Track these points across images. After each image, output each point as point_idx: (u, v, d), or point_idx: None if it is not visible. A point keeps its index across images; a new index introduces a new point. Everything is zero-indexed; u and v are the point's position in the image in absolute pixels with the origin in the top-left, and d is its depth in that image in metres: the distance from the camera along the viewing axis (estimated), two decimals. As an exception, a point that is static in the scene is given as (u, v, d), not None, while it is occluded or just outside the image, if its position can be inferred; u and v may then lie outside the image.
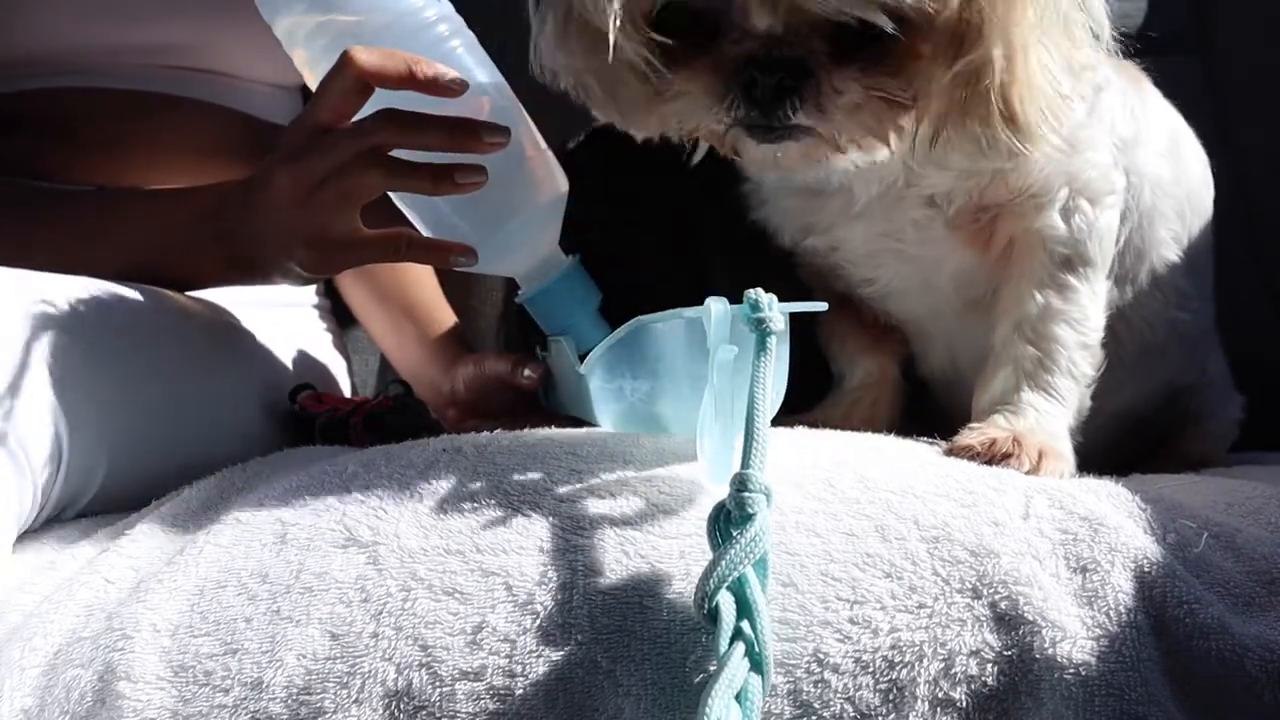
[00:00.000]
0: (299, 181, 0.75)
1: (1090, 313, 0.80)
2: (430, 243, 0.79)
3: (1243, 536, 0.62)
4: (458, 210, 0.77)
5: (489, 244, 0.77)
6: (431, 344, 1.06)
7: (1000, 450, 0.73)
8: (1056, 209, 0.80)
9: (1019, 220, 0.80)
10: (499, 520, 0.62)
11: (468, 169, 0.73)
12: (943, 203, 0.81)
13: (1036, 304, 0.79)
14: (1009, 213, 0.81)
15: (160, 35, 0.97)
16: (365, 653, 0.57)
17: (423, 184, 0.74)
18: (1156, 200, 0.90)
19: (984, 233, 0.82)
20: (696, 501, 0.62)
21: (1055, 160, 0.79)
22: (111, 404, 0.73)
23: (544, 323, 0.82)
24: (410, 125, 0.73)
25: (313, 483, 0.68)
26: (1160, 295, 0.93)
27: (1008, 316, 0.80)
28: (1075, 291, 0.80)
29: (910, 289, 0.87)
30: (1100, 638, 0.55)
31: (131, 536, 0.67)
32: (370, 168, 0.73)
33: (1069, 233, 0.80)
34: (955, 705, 0.54)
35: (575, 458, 0.67)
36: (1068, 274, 0.80)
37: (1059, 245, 0.80)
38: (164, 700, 0.57)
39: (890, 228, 0.83)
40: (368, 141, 0.73)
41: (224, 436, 0.85)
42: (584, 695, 0.55)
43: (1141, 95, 0.90)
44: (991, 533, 0.59)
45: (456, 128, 0.73)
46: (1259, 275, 1.27)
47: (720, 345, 0.60)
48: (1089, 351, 0.80)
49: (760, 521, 0.54)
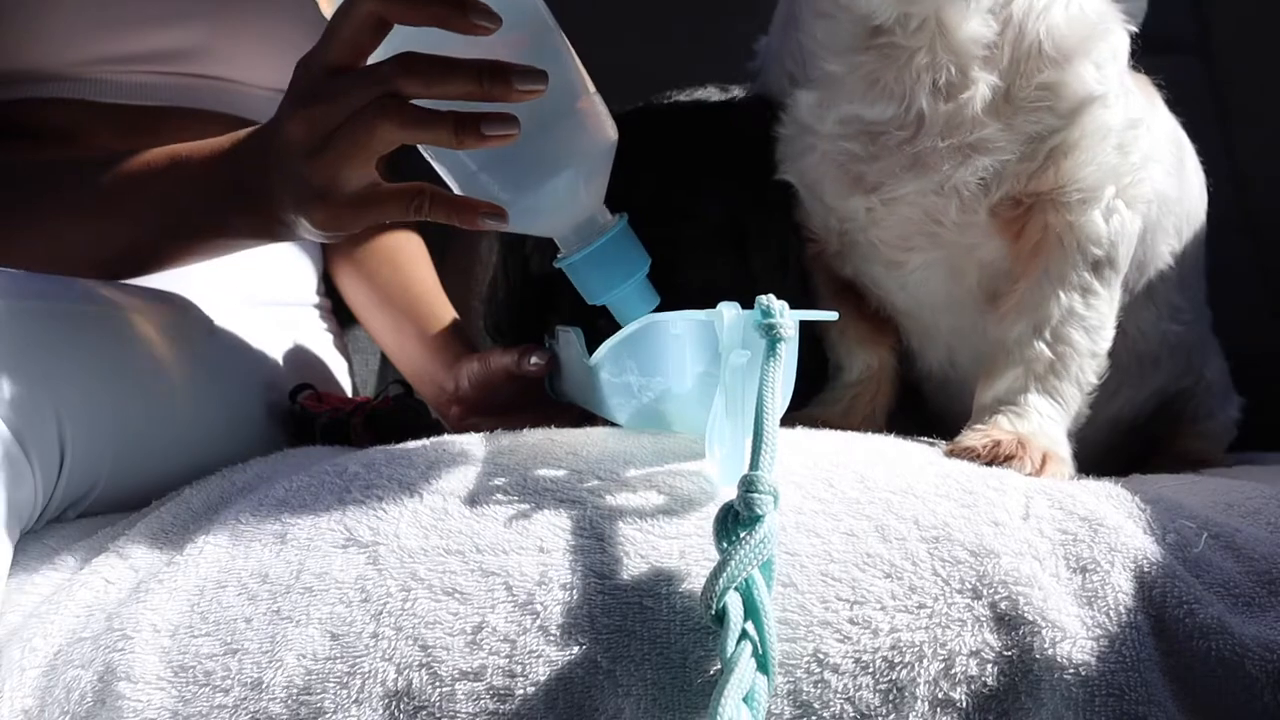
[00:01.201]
0: (311, 129, 0.69)
1: (1107, 321, 0.80)
2: (454, 200, 0.71)
3: (1242, 536, 0.62)
4: (489, 163, 0.70)
5: (524, 201, 0.70)
6: (433, 342, 1.06)
7: (1004, 452, 0.73)
8: (1100, 207, 0.80)
9: (1059, 213, 0.80)
10: (499, 520, 0.62)
11: (497, 119, 0.66)
12: (991, 184, 0.80)
13: (1061, 306, 0.79)
14: (1049, 204, 0.80)
15: (170, 40, 0.96)
16: (365, 653, 0.57)
17: (443, 136, 0.67)
18: (1161, 217, 0.90)
19: (1018, 223, 0.82)
20: (697, 501, 0.62)
21: (1108, 158, 0.79)
22: (114, 405, 0.73)
23: (586, 291, 0.74)
24: (431, 72, 0.66)
25: (313, 483, 0.68)
26: (1154, 308, 0.93)
27: (1027, 315, 0.80)
28: (1098, 297, 0.80)
29: (934, 276, 0.86)
30: (1100, 638, 0.55)
31: (131, 537, 0.67)
32: (384, 118, 0.66)
33: (1107, 233, 0.79)
34: (955, 705, 0.54)
35: (575, 458, 0.67)
36: (1094, 277, 0.80)
37: (1094, 245, 0.79)
38: (164, 700, 0.57)
39: (936, 204, 0.81)
40: (383, 89, 0.66)
41: (224, 436, 0.85)
42: (584, 695, 0.55)
43: (1154, 110, 0.91)
44: (991, 533, 0.59)
45: (484, 73, 0.66)
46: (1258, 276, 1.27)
47: (733, 349, 0.61)
48: (1097, 360, 0.80)
49: (769, 523, 0.54)
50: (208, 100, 1.00)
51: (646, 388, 0.70)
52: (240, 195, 0.76)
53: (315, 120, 0.69)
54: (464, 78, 0.65)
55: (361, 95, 0.67)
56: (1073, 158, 0.79)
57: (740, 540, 0.53)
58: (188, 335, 0.85)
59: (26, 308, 0.70)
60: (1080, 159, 0.79)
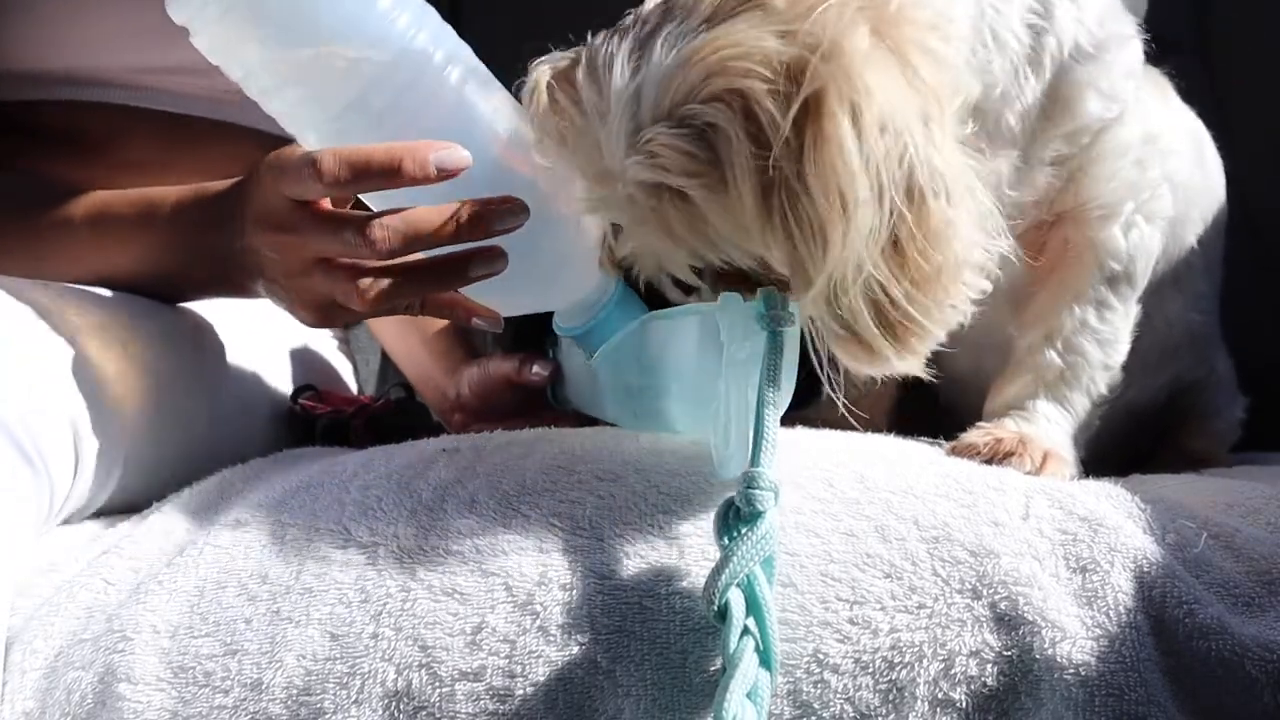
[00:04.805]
0: (284, 258, 0.70)
1: (1121, 336, 0.80)
2: (447, 300, 0.71)
3: (1242, 536, 0.62)
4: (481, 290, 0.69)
5: (525, 295, 0.71)
6: (436, 348, 1.06)
7: (1004, 449, 0.73)
8: (1119, 222, 0.79)
9: (1078, 229, 0.80)
10: (499, 520, 0.62)
11: (484, 256, 0.65)
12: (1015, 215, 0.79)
13: (1074, 318, 0.79)
14: (1069, 220, 0.80)
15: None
16: (365, 653, 0.57)
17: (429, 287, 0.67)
18: (1188, 208, 0.90)
19: (1040, 240, 0.82)
20: (696, 501, 0.62)
21: (1127, 174, 0.79)
22: (125, 409, 0.73)
23: (587, 349, 0.74)
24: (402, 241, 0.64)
25: (313, 483, 0.68)
26: (1181, 297, 0.93)
27: (1040, 325, 0.80)
28: (1113, 311, 0.80)
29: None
30: (1100, 638, 0.55)
31: (131, 538, 0.68)
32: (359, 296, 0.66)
33: (1125, 249, 0.79)
34: (955, 705, 0.54)
35: (574, 458, 0.67)
36: (1110, 292, 0.80)
37: (1112, 260, 0.79)
38: (164, 701, 0.57)
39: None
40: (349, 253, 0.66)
41: (225, 436, 0.85)
42: (584, 695, 0.55)
43: (1168, 104, 0.91)
44: (991, 533, 0.59)
45: (463, 228, 0.64)
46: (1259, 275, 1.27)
47: (734, 342, 0.60)
48: (1109, 373, 0.80)
49: (770, 519, 0.54)
50: (244, 116, 0.99)
51: (648, 387, 0.70)
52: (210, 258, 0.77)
53: (286, 251, 0.69)
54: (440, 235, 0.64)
55: (329, 248, 0.66)
56: (1091, 174, 0.79)
57: (741, 536, 0.53)
58: (191, 337, 0.85)
59: (37, 315, 0.70)
60: (1098, 174, 0.79)
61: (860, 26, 0.59)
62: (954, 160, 0.63)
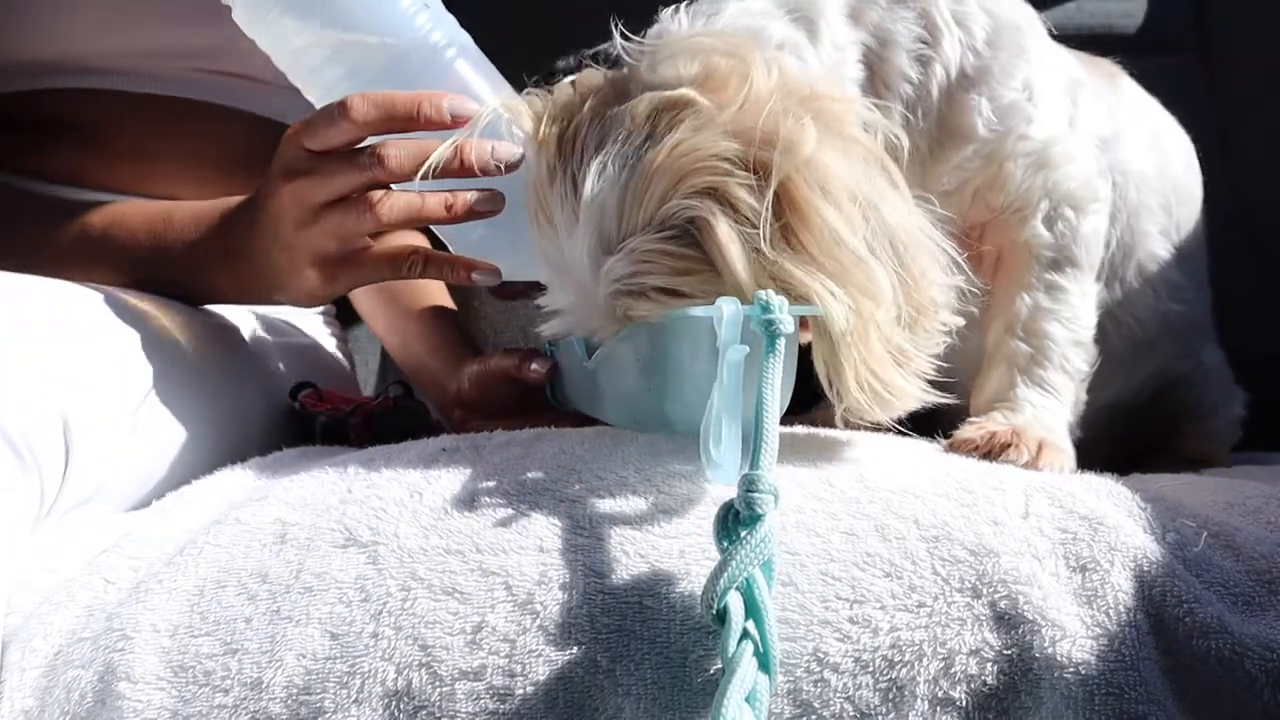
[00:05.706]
0: (299, 203, 0.75)
1: (1080, 311, 0.81)
2: (447, 258, 0.77)
3: (1242, 536, 0.62)
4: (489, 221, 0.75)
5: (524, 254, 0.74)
6: (435, 344, 1.06)
7: (999, 441, 0.73)
8: (1039, 219, 0.81)
9: (1004, 233, 0.82)
10: (498, 520, 0.62)
11: (486, 194, 0.71)
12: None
13: (1027, 304, 0.81)
14: (993, 228, 0.82)
15: (201, 37, 0.96)
16: (365, 652, 0.57)
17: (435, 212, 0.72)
18: (1142, 196, 0.91)
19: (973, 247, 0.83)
20: (696, 501, 0.62)
21: (1028, 176, 0.80)
22: (118, 405, 0.73)
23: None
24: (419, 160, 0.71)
25: (313, 482, 0.68)
26: (1151, 291, 0.94)
27: (999, 318, 0.82)
28: (1064, 291, 0.81)
29: None
30: (1100, 637, 0.55)
31: (131, 536, 0.67)
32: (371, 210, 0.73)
33: (1053, 239, 0.81)
34: (955, 704, 0.54)
35: (574, 457, 0.67)
36: (1055, 274, 0.81)
37: (1045, 250, 0.81)
38: (164, 700, 0.57)
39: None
40: (367, 177, 0.72)
41: (225, 436, 0.85)
42: (584, 695, 0.55)
43: (1118, 92, 0.91)
44: (991, 532, 0.59)
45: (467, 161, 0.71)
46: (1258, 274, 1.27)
47: (731, 345, 0.60)
48: (1082, 348, 0.81)
49: (769, 522, 0.54)
50: (233, 97, 1.00)
51: (647, 389, 0.70)
52: (228, 260, 0.82)
53: (303, 194, 0.74)
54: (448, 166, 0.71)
55: (346, 180, 0.72)
56: (995, 189, 0.81)
57: (741, 539, 0.53)
58: (189, 334, 0.85)
59: (31, 311, 0.70)
60: (1000, 186, 0.81)
61: (804, 117, 0.64)
62: (914, 211, 0.68)
